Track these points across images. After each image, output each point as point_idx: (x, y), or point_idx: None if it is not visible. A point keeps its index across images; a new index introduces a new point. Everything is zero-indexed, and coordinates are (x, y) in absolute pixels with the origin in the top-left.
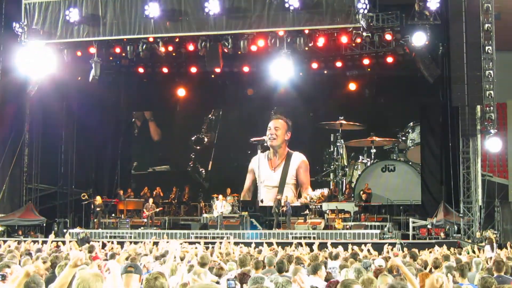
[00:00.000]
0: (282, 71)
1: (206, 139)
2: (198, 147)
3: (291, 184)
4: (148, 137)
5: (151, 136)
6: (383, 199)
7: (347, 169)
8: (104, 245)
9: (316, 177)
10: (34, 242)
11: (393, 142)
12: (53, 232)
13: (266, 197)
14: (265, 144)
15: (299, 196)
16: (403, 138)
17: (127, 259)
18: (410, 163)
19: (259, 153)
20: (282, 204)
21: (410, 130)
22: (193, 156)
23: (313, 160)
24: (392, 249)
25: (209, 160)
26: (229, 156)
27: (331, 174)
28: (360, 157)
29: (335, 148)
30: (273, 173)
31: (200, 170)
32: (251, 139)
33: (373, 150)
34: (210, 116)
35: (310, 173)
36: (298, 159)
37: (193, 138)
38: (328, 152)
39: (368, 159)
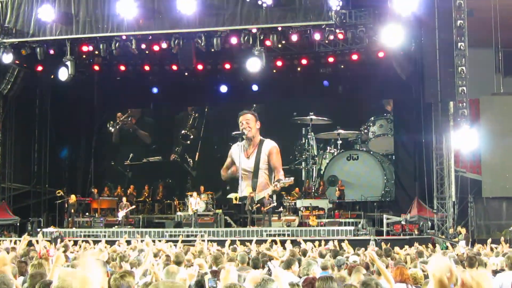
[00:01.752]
0: (255, 68)
1: (191, 132)
2: (187, 142)
3: (264, 169)
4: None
5: (143, 141)
6: (357, 195)
7: (316, 158)
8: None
9: (289, 165)
10: (11, 241)
11: (357, 134)
12: (27, 232)
13: (244, 182)
14: (243, 136)
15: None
16: (365, 131)
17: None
18: (372, 152)
19: (239, 141)
20: (257, 201)
21: (371, 124)
22: (179, 149)
23: (287, 151)
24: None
25: (196, 151)
26: (213, 148)
27: (303, 163)
28: (328, 147)
29: (306, 140)
30: (247, 160)
31: (188, 160)
32: (233, 133)
33: (339, 142)
34: (193, 113)
35: (284, 162)
36: (269, 145)
37: (181, 133)
38: (300, 144)
39: (335, 149)
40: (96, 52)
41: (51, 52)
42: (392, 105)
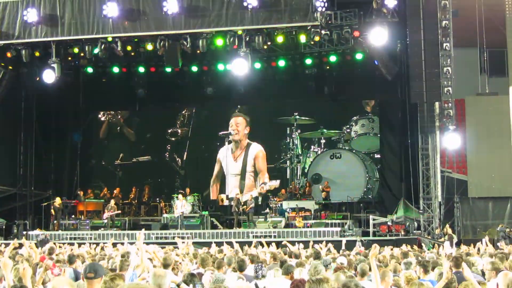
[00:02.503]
0: (241, 69)
1: (180, 132)
2: (173, 139)
3: (250, 172)
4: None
5: (129, 139)
6: (340, 192)
7: (301, 157)
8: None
9: (274, 164)
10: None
11: (339, 134)
12: (16, 239)
13: (231, 184)
14: (230, 137)
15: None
16: (348, 130)
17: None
18: (354, 151)
19: (226, 144)
20: (243, 202)
21: (353, 123)
22: (169, 148)
23: (272, 150)
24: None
25: (184, 151)
26: (201, 148)
27: (288, 162)
28: (312, 146)
29: (291, 139)
30: (235, 163)
31: (177, 159)
32: (219, 133)
33: (323, 141)
34: (184, 112)
35: (269, 160)
36: (256, 149)
37: (169, 131)
38: (284, 143)
39: (319, 148)
40: (82, 54)
41: (37, 54)
42: (371, 106)
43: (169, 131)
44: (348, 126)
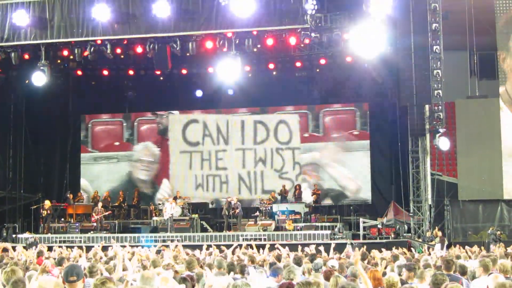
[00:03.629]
0: (230, 72)
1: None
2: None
3: None
4: None
5: None
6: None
7: None
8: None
9: None
10: None
11: None
12: (2, 239)
13: None
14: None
15: None
16: None
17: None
18: None
19: None
20: (233, 206)
21: None
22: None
23: None
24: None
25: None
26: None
27: None
28: None
29: None
30: None
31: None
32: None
33: None
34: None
35: None
36: None
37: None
38: None
39: None
40: (71, 57)
41: (26, 57)
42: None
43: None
44: None
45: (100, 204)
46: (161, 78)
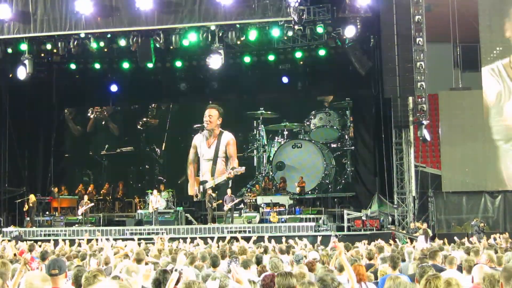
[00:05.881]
0: (215, 65)
1: (151, 121)
2: (142, 128)
3: (222, 158)
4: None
5: (113, 132)
6: (298, 176)
7: (266, 147)
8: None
9: (243, 153)
10: None
11: (300, 126)
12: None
13: (204, 168)
14: (204, 128)
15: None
16: (307, 123)
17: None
18: (313, 141)
19: (200, 132)
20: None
21: (312, 117)
22: (143, 137)
23: (241, 140)
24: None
25: (162, 142)
26: (178, 139)
27: (254, 151)
28: (276, 137)
29: (257, 131)
30: (208, 149)
31: (156, 150)
32: (194, 126)
33: (286, 132)
34: (153, 106)
35: (238, 150)
36: (227, 137)
37: (140, 122)
38: (252, 134)
39: (282, 139)
40: (55, 51)
41: (9, 50)
42: (328, 102)
43: (140, 122)
44: (307, 119)
45: (86, 197)
46: (145, 71)
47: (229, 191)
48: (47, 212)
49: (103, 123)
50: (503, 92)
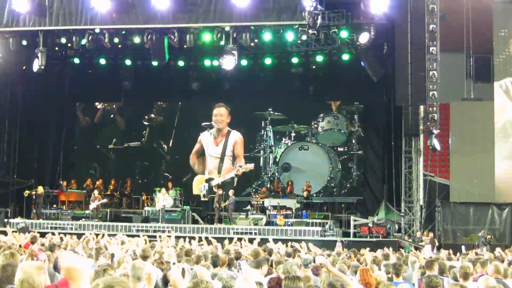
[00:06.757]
0: (228, 65)
1: (155, 118)
2: (147, 123)
3: (229, 156)
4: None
5: (120, 126)
6: (305, 179)
7: (273, 147)
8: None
9: (250, 153)
10: None
11: (308, 128)
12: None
13: (211, 165)
14: (212, 127)
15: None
16: (315, 125)
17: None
18: (320, 144)
19: (208, 130)
20: (225, 199)
21: (320, 120)
22: (146, 133)
23: (248, 140)
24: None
25: (170, 138)
26: (185, 136)
27: (261, 151)
28: (283, 138)
29: (265, 132)
30: (216, 147)
31: (163, 146)
32: (202, 123)
33: (293, 134)
34: (159, 103)
35: (246, 149)
36: (235, 136)
37: (146, 117)
38: (259, 135)
39: (289, 141)
40: (69, 45)
41: (24, 43)
42: (336, 106)
43: (146, 117)
44: (315, 122)
45: (96, 192)
46: (158, 69)
47: (231, 192)
48: (55, 205)
49: (111, 116)
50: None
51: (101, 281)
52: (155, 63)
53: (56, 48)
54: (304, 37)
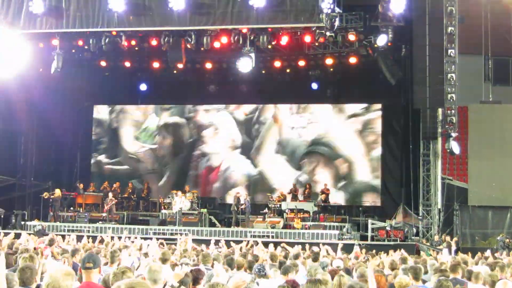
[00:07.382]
0: (245, 68)
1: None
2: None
3: None
4: None
5: None
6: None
7: None
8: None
9: None
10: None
11: None
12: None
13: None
14: None
15: None
16: None
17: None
18: None
19: None
20: (242, 202)
21: None
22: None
23: None
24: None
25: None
26: None
27: None
28: None
29: None
30: None
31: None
32: None
33: None
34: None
35: None
36: None
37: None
38: None
39: None
40: (86, 47)
41: (41, 45)
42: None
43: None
44: None
45: (110, 194)
46: (175, 71)
47: (245, 194)
48: (72, 208)
49: None
50: None
51: (123, 283)
52: (172, 66)
53: (73, 51)
54: (321, 40)
